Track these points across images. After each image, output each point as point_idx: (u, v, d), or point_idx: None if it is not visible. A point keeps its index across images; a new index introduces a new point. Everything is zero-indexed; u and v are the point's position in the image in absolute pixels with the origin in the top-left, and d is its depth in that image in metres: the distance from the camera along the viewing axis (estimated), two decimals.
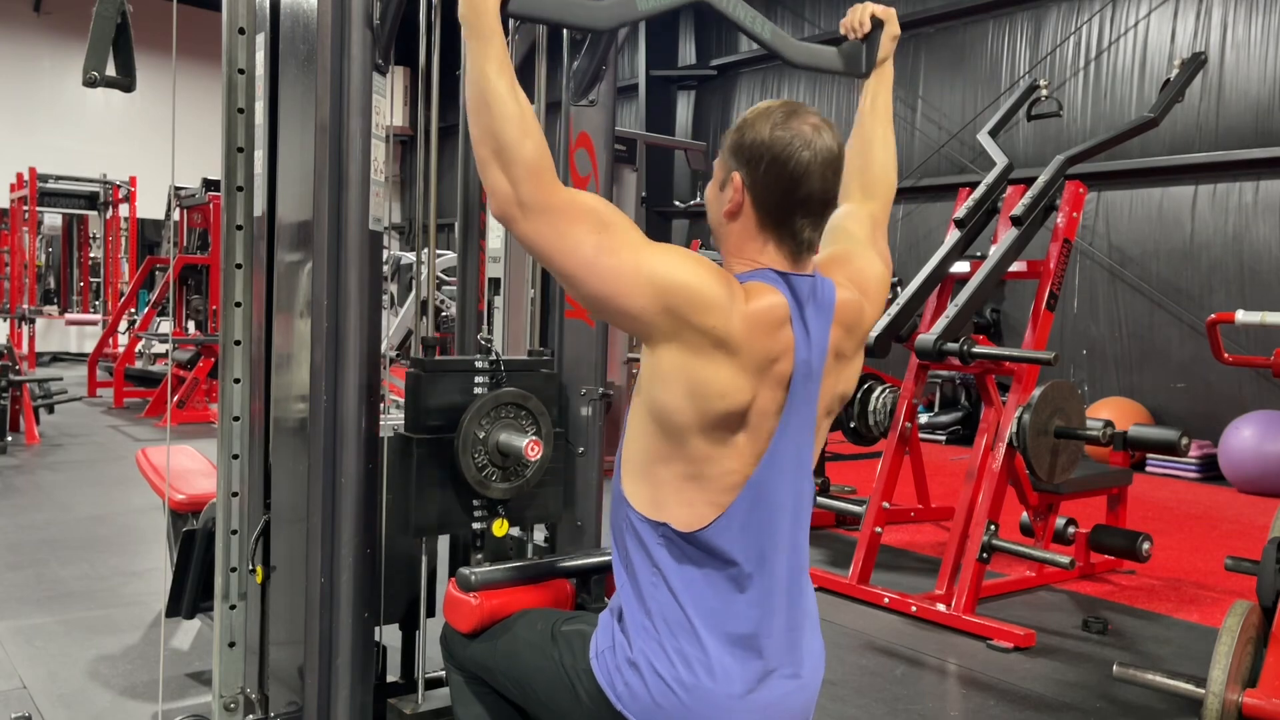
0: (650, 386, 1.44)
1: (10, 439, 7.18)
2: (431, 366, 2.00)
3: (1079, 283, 8.85)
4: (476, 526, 2.03)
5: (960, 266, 4.60)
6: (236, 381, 2.23)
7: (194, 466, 3.70)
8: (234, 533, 2.25)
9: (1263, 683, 2.77)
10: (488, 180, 1.42)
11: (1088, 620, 3.89)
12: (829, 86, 11.37)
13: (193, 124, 9.76)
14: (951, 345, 4.10)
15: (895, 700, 3.17)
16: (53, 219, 13.67)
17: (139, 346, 10.69)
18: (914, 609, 3.96)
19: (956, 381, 9.28)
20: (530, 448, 1.92)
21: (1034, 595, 4.35)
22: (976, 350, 4.10)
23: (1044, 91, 5.07)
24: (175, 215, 10.63)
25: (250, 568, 2.22)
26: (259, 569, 2.20)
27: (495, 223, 2.57)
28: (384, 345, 2.19)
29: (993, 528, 3.97)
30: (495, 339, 2.65)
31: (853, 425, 4.98)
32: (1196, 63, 4.89)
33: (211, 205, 9.69)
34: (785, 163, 1.44)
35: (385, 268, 2.48)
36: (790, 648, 1.53)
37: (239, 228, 2.22)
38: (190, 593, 2.89)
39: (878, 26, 1.84)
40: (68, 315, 13.16)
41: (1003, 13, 9.70)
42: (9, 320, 11.24)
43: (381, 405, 2.01)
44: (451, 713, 1.86)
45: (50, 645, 3.37)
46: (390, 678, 2.35)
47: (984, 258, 4.45)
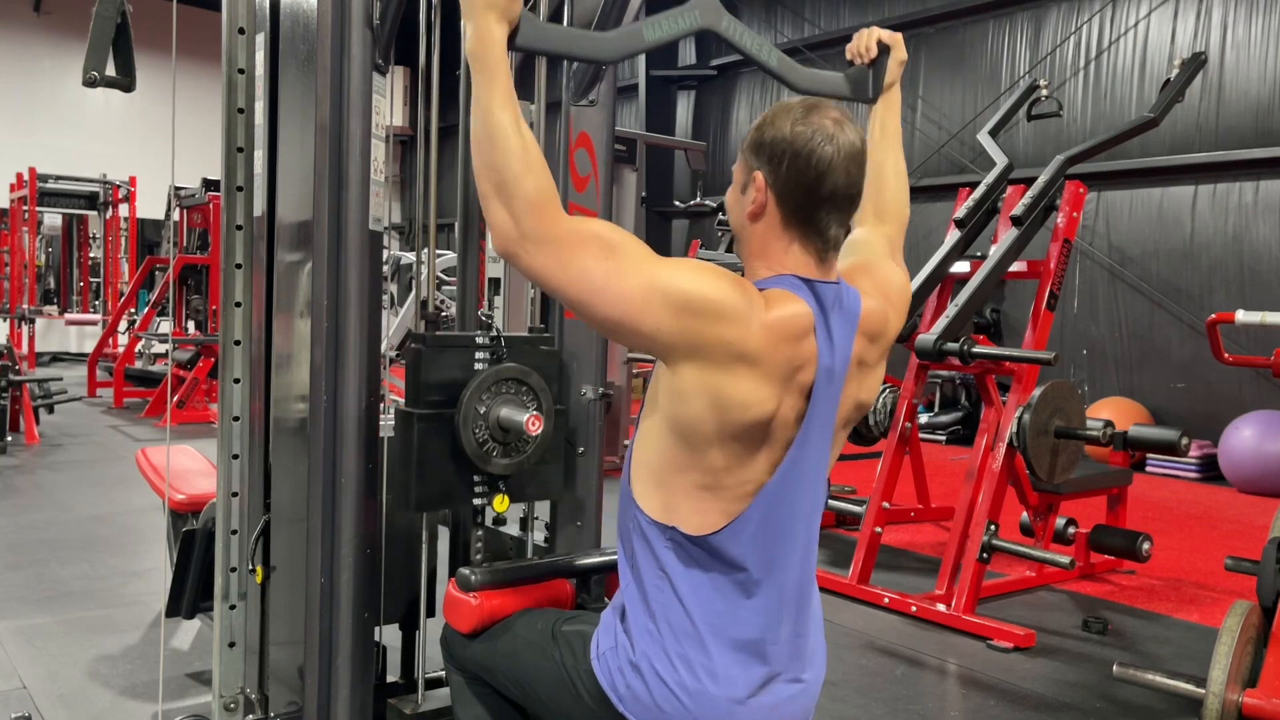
0: (670, 403, 1.41)
1: (10, 439, 7.19)
2: (432, 342, 1.98)
3: (1079, 283, 8.85)
4: (478, 502, 2.02)
5: (960, 266, 4.60)
6: (236, 381, 2.24)
7: (194, 466, 3.70)
8: (234, 533, 2.26)
9: (1263, 683, 2.77)
10: (489, 215, 1.38)
11: (1088, 620, 3.89)
12: None
13: (193, 124, 9.76)
14: (951, 345, 4.11)
15: (895, 700, 3.17)
16: (53, 219, 13.68)
17: (139, 346, 10.69)
18: (914, 609, 3.96)
19: (956, 381, 9.29)
20: (531, 423, 1.91)
21: (1034, 595, 4.35)
22: (976, 350, 4.10)
23: (1044, 91, 5.07)
24: (175, 215, 10.64)
25: (250, 568, 2.22)
26: (259, 569, 2.20)
27: None
28: (384, 345, 2.19)
29: (993, 528, 3.97)
30: None
31: None
32: (1196, 63, 4.89)
33: (211, 205, 9.70)
34: (808, 158, 1.41)
35: (385, 268, 2.48)
36: (795, 653, 1.52)
37: (239, 228, 2.23)
38: (190, 593, 2.89)
39: (884, 52, 1.82)
40: (68, 315, 13.17)
41: (1003, 13, 9.70)
42: (9, 320, 11.24)
43: (381, 405, 2.01)
44: (451, 713, 1.86)
45: (50, 645, 3.37)
46: (390, 678, 2.35)
47: (984, 258, 4.46)
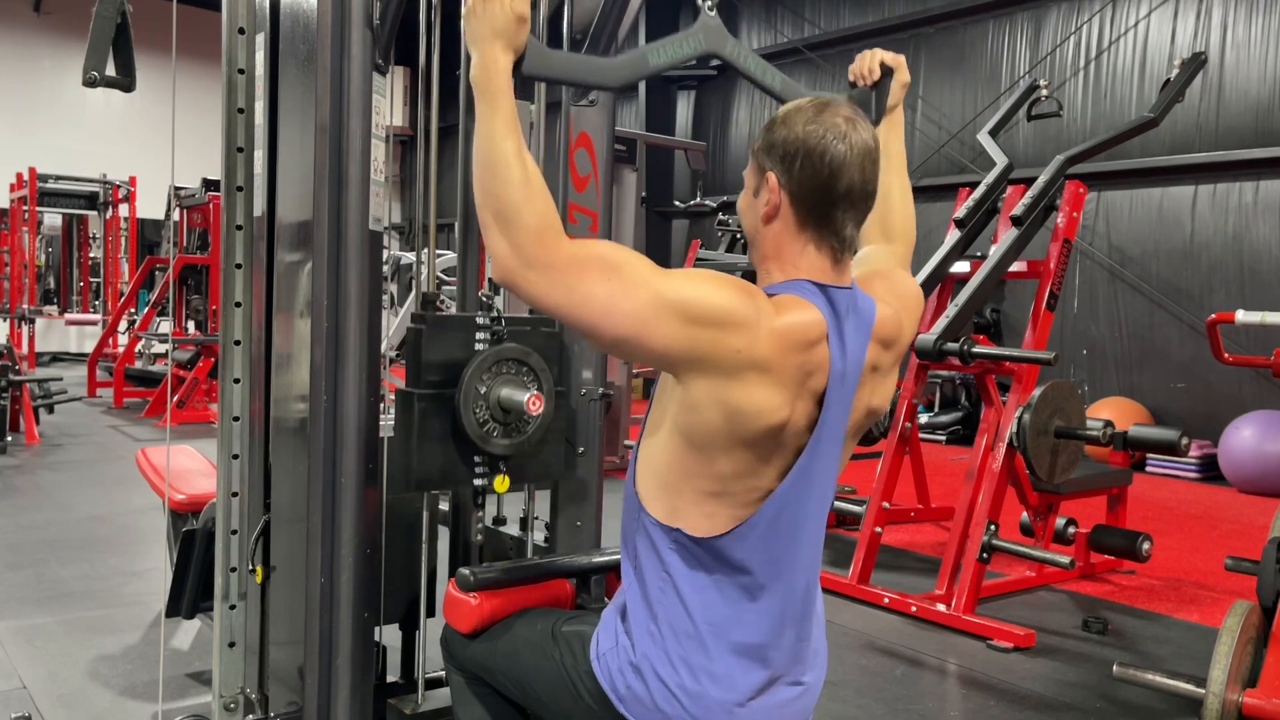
0: (681, 413, 1.40)
1: (10, 439, 7.19)
2: (433, 321, 1.98)
3: (1079, 283, 8.85)
4: (478, 483, 2.01)
5: (960, 266, 4.60)
6: (236, 381, 2.23)
7: (194, 466, 3.70)
8: (234, 533, 2.26)
9: (1263, 683, 2.77)
10: (490, 244, 1.36)
11: (1088, 620, 3.89)
12: (830, 88, 11.37)
13: (193, 124, 9.77)
14: (951, 345, 4.10)
15: (895, 700, 3.17)
16: (53, 219, 13.68)
17: (139, 346, 10.69)
18: (914, 609, 3.96)
19: (956, 381, 9.29)
20: (532, 402, 1.90)
21: (1034, 595, 4.35)
22: (976, 350, 4.10)
23: (1044, 91, 5.07)
24: (175, 215, 10.64)
25: (250, 568, 2.22)
26: (259, 569, 2.20)
27: None
28: (384, 345, 2.19)
29: (993, 528, 3.97)
30: None
31: None
32: (1196, 63, 4.89)
33: (211, 205, 9.70)
34: (822, 156, 1.39)
35: (385, 268, 2.48)
36: (797, 657, 1.51)
37: (239, 228, 2.22)
38: (190, 593, 2.88)
39: (887, 74, 1.81)
40: (68, 315, 13.17)
41: (1003, 13, 9.70)
42: (9, 320, 11.24)
43: (381, 405, 2.01)
44: (451, 713, 1.86)
45: (50, 645, 3.37)
46: (390, 678, 2.35)
47: (984, 258, 4.46)
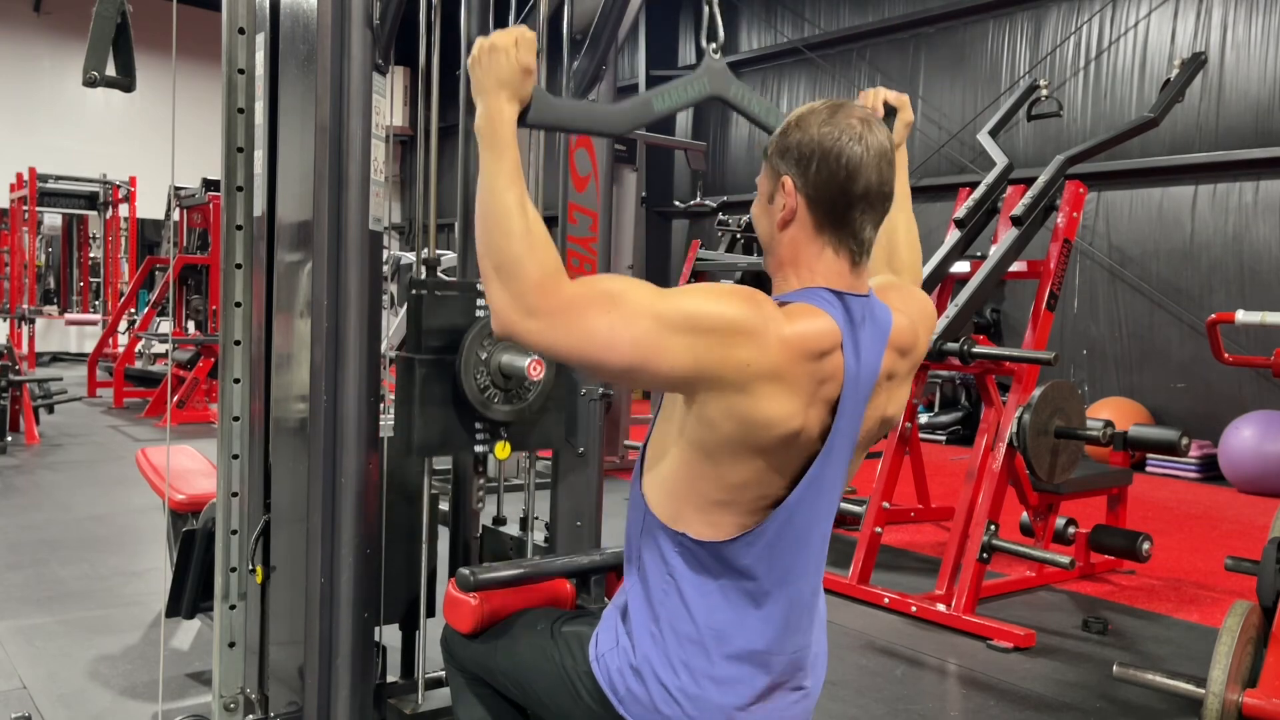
0: (693, 427, 1.38)
1: (10, 439, 7.19)
2: (434, 287, 1.96)
3: (1079, 283, 8.86)
4: (479, 449, 2.01)
5: (960, 266, 4.60)
6: (236, 381, 2.24)
7: (194, 466, 3.70)
8: (234, 533, 2.26)
9: (1263, 683, 2.77)
10: (489, 294, 1.34)
11: (1088, 620, 3.89)
12: (830, 89, 11.37)
13: (193, 124, 9.77)
14: (951, 345, 4.10)
15: (895, 700, 3.17)
16: (53, 219, 13.68)
17: (139, 346, 10.69)
18: (914, 609, 3.96)
19: (956, 381, 9.29)
20: (532, 368, 1.89)
21: (1034, 595, 4.35)
22: (976, 350, 4.10)
23: (1044, 91, 5.07)
24: (175, 215, 10.64)
25: (250, 568, 2.22)
26: (259, 569, 2.20)
27: None
28: (384, 345, 2.19)
29: (993, 528, 3.97)
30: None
31: None
32: (1196, 63, 4.89)
33: (211, 205, 9.70)
34: (838, 157, 1.38)
35: (385, 268, 2.47)
36: (799, 663, 1.51)
37: (239, 228, 2.23)
38: (190, 593, 2.88)
39: (890, 113, 1.80)
40: (68, 315, 13.17)
41: (1003, 13, 9.70)
42: (9, 320, 11.25)
43: (381, 405, 2.01)
44: (451, 713, 1.86)
45: (50, 645, 3.37)
46: (390, 678, 2.35)
47: (984, 258, 4.46)
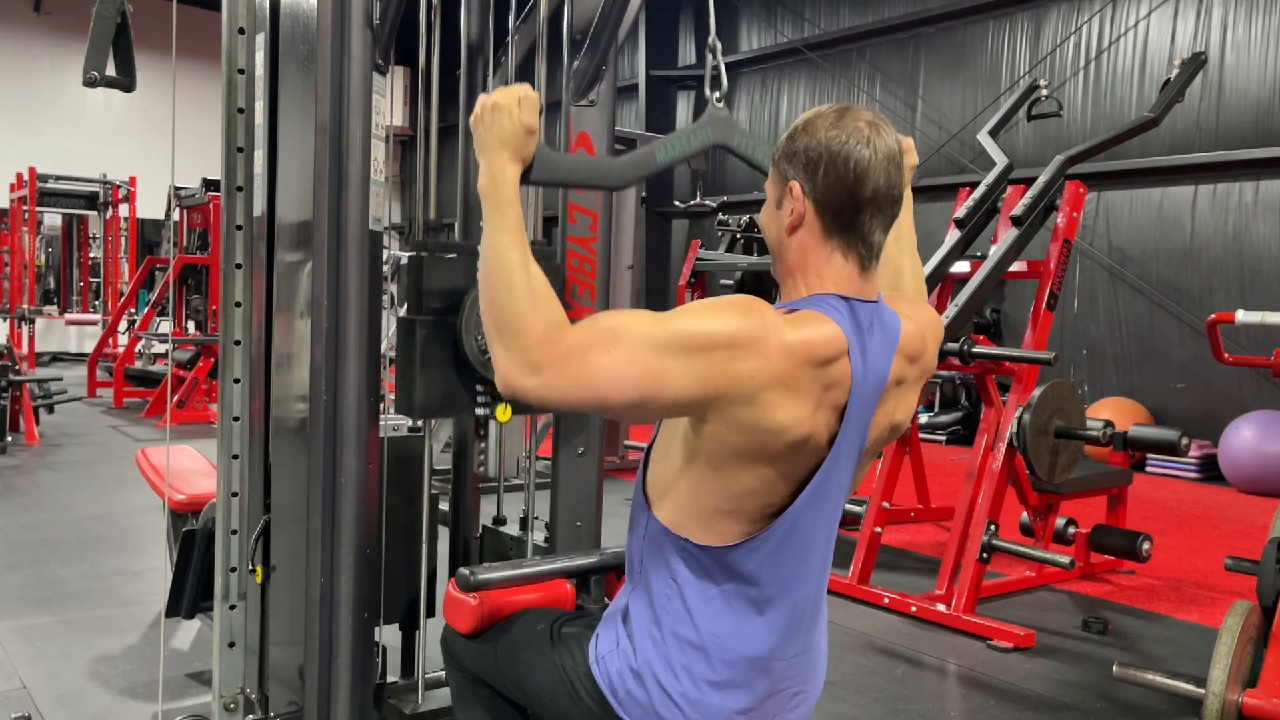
0: (702, 442, 1.37)
1: (10, 439, 7.19)
2: (434, 248, 1.94)
3: (1079, 283, 8.85)
4: (480, 412, 2.00)
5: (960, 266, 4.60)
6: (236, 381, 2.24)
7: (194, 466, 3.70)
8: (234, 533, 2.26)
9: (1263, 683, 2.77)
10: (493, 352, 1.34)
11: (1088, 620, 3.89)
12: (830, 88, 11.37)
13: (193, 124, 9.76)
14: (951, 345, 4.10)
15: (895, 700, 3.17)
16: (53, 219, 13.68)
17: (139, 346, 10.69)
18: (914, 609, 3.96)
19: (956, 381, 9.29)
20: None
21: (1034, 595, 4.35)
22: (976, 350, 4.10)
23: (1044, 91, 5.07)
24: (175, 215, 10.64)
25: (250, 568, 2.22)
26: (259, 569, 2.20)
27: None
28: (384, 345, 2.19)
29: (993, 528, 3.97)
30: None
31: None
32: (1196, 63, 4.89)
33: (211, 205, 9.70)
34: (846, 161, 1.37)
35: (385, 268, 2.47)
36: (800, 668, 1.50)
37: (239, 228, 2.23)
38: (190, 593, 2.88)
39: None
40: (68, 315, 13.17)
41: (1003, 13, 9.69)
42: (9, 320, 11.25)
43: (381, 405, 2.01)
44: (451, 713, 1.86)
45: (50, 645, 3.37)
46: (390, 678, 2.35)
47: (984, 258, 4.45)
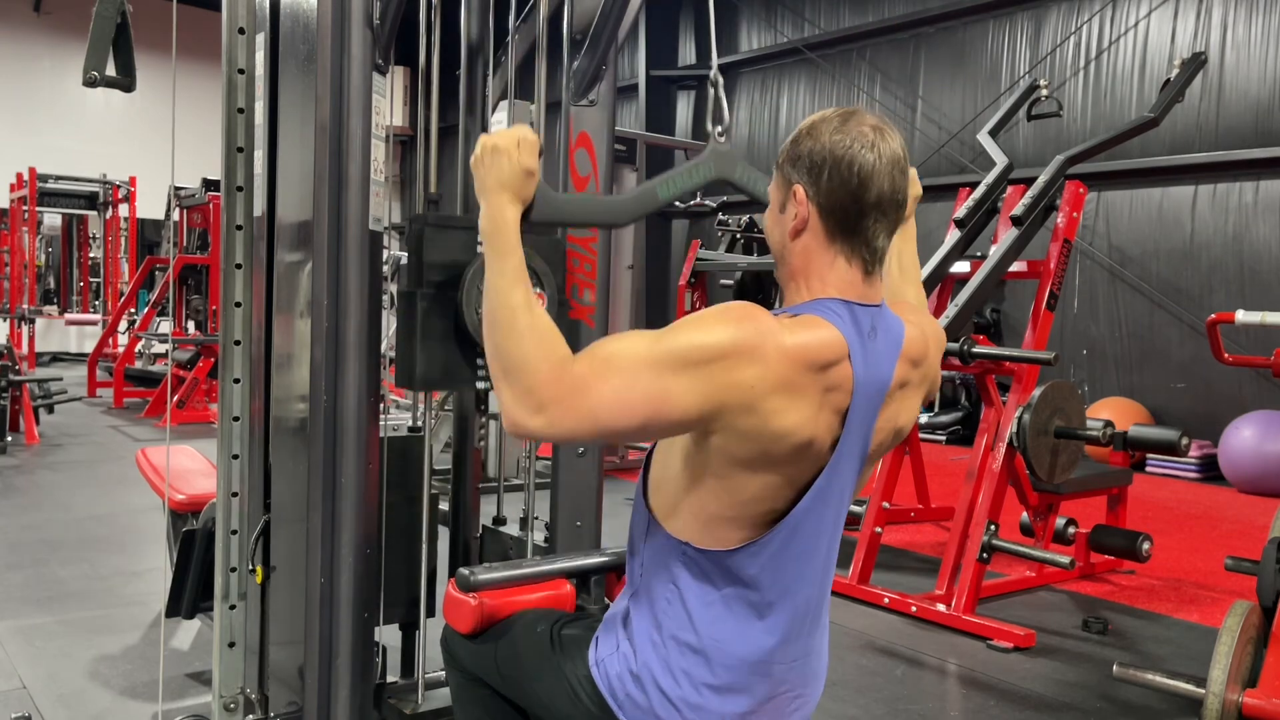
0: (706, 454, 1.37)
1: (10, 439, 7.19)
2: (435, 221, 1.94)
3: (1079, 283, 8.85)
4: (481, 386, 1.99)
5: (960, 266, 4.60)
6: (236, 381, 2.24)
7: (194, 466, 3.70)
8: (234, 533, 2.26)
9: (1263, 683, 2.77)
10: (500, 397, 1.33)
11: (1088, 620, 3.89)
12: (830, 88, 11.37)
13: (193, 124, 9.76)
14: (951, 345, 4.10)
15: (895, 700, 3.17)
16: (53, 219, 13.68)
17: (139, 346, 10.69)
18: (914, 609, 3.96)
19: (956, 381, 9.28)
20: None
21: (1034, 595, 4.35)
22: (976, 350, 4.10)
23: (1044, 91, 5.07)
24: (175, 215, 10.64)
25: (250, 568, 2.22)
26: (259, 569, 2.20)
27: None
28: (384, 345, 2.19)
29: (993, 528, 3.97)
30: None
31: None
32: (1196, 63, 4.89)
33: (211, 205, 9.70)
34: (850, 165, 1.37)
35: (385, 268, 2.47)
36: (800, 672, 1.50)
37: (239, 228, 2.23)
38: (190, 593, 2.88)
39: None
40: (68, 315, 13.17)
41: (1003, 13, 9.69)
42: (9, 320, 11.24)
43: (381, 405, 2.01)
44: (451, 713, 1.86)
45: (50, 645, 3.37)
46: (390, 678, 2.35)
47: (984, 258, 4.45)
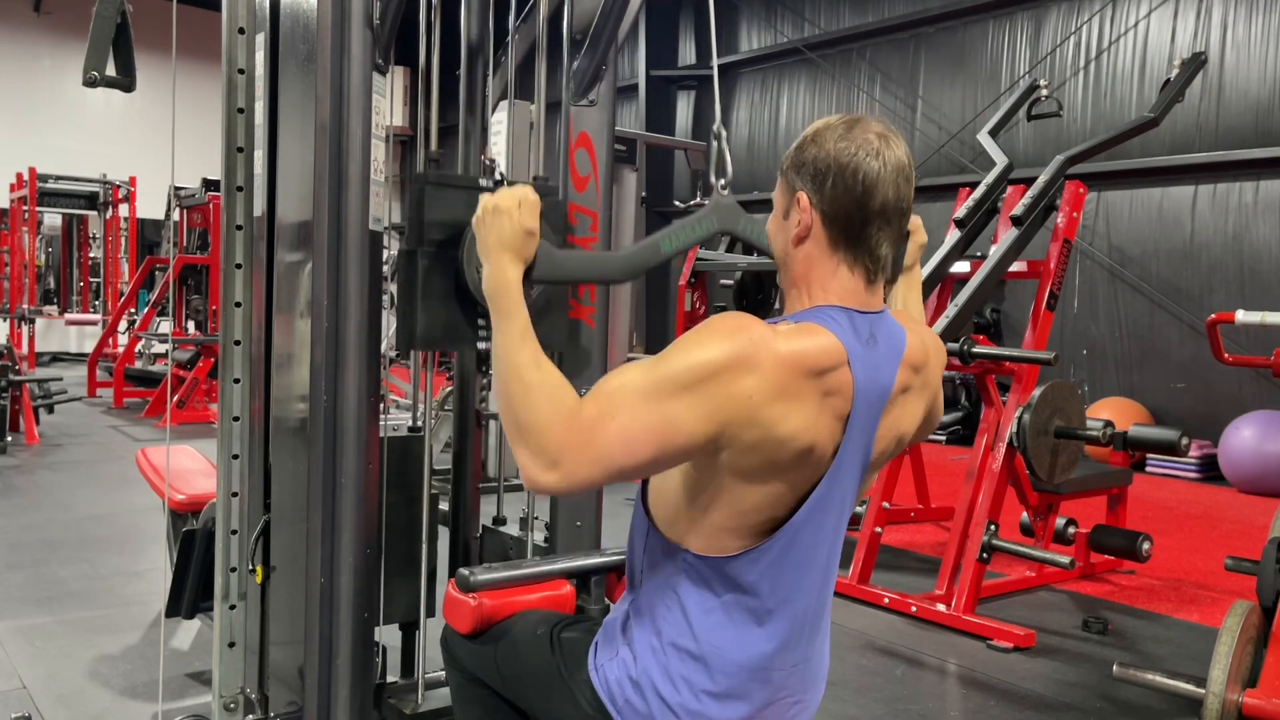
0: (722, 471, 1.36)
1: (10, 439, 7.19)
2: (435, 179, 1.92)
3: (1079, 283, 8.85)
4: (482, 346, 1.98)
5: (960, 266, 4.60)
6: (236, 381, 2.23)
7: (194, 466, 3.70)
8: (234, 533, 2.25)
9: (1263, 683, 2.77)
10: (516, 457, 1.33)
11: (1088, 620, 3.89)
12: (830, 89, 11.37)
13: (193, 124, 9.76)
14: (952, 345, 4.10)
15: (895, 700, 3.17)
16: (53, 219, 13.68)
17: (139, 346, 10.69)
18: (914, 609, 3.96)
19: (956, 381, 9.28)
20: None
21: (1034, 595, 4.35)
22: (976, 350, 4.10)
23: (1044, 91, 5.07)
24: (175, 215, 10.64)
25: (250, 568, 2.22)
26: (259, 569, 2.20)
27: None
28: (384, 345, 2.19)
29: (993, 528, 3.97)
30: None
31: None
32: (1196, 63, 4.89)
33: (211, 205, 9.70)
34: (854, 173, 1.36)
35: (385, 268, 2.47)
36: (800, 678, 1.50)
37: (239, 228, 2.22)
38: (190, 593, 2.88)
39: (904, 237, 1.80)
40: (68, 315, 13.17)
41: (1003, 13, 9.70)
42: (9, 320, 11.24)
43: (381, 405, 2.01)
44: (451, 713, 1.86)
45: (50, 645, 3.37)
46: (390, 678, 2.35)
47: (984, 258, 4.46)
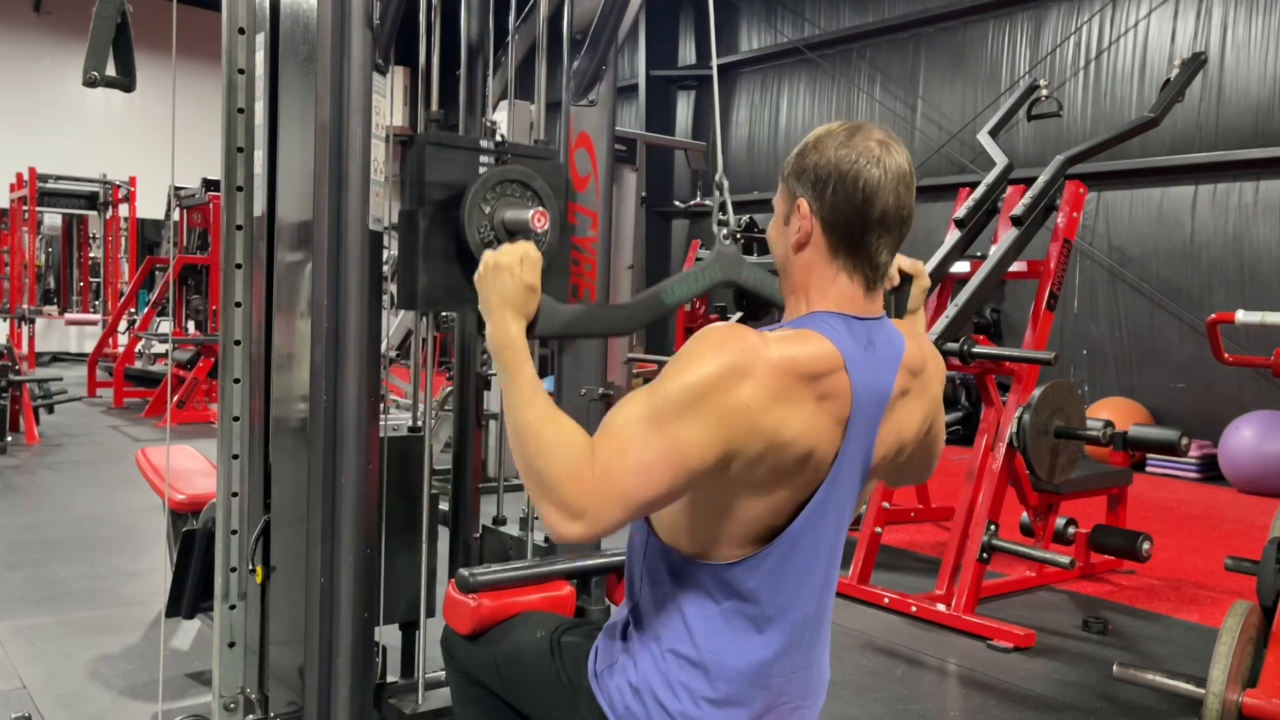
0: (726, 485, 1.36)
1: (10, 439, 7.19)
2: (436, 139, 1.93)
3: (1079, 283, 8.85)
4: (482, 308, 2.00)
5: (960, 266, 4.60)
6: (236, 381, 2.24)
7: (194, 466, 3.70)
8: (234, 533, 2.26)
9: (1263, 683, 2.77)
10: (539, 509, 1.33)
11: (1088, 620, 3.89)
12: (830, 88, 11.37)
13: (193, 124, 9.77)
14: (951, 345, 4.10)
15: (895, 700, 3.17)
16: (53, 219, 13.69)
17: (139, 346, 10.69)
18: (914, 609, 3.96)
19: (956, 381, 9.28)
20: (536, 218, 1.84)
21: (1034, 595, 4.35)
22: (976, 350, 4.10)
23: (1044, 91, 5.07)
24: (175, 215, 10.64)
25: (250, 568, 2.22)
26: (259, 569, 2.20)
27: None
28: (384, 345, 2.19)
29: (993, 528, 3.97)
30: None
31: None
32: (1196, 63, 4.89)
33: (211, 205, 9.70)
34: (855, 181, 1.37)
35: (385, 268, 2.47)
36: (800, 684, 1.49)
37: (239, 228, 2.23)
38: (190, 593, 2.89)
39: (906, 280, 1.75)
40: (68, 315, 13.17)
41: (1003, 13, 9.70)
42: (9, 320, 11.24)
43: (381, 405, 2.01)
44: (451, 713, 1.86)
45: (50, 645, 3.37)
46: (390, 678, 2.35)
47: (984, 258, 4.46)
